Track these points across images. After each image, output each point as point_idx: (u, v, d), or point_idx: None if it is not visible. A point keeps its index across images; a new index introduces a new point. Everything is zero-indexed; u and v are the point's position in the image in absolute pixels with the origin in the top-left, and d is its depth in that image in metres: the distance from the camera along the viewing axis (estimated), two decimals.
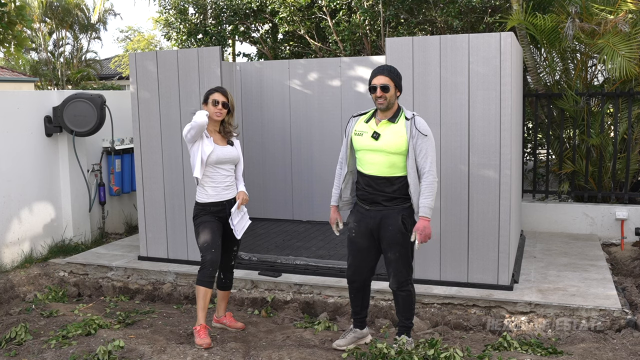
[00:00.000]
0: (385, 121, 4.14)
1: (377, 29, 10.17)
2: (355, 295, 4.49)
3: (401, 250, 4.18)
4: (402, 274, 4.24)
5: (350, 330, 4.59)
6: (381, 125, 4.15)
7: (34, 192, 7.07)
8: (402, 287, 4.27)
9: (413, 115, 4.13)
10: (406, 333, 4.37)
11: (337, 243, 6.93)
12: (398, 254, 4.18)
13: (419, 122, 4.12)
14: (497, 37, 5.17)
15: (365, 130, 4.19)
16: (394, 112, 4.15)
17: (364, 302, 4.53)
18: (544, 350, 4.48)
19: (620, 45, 6.97)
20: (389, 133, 4.11)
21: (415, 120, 4.11)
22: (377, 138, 4.12)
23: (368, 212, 4.23)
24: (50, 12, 25.43)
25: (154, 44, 31.85)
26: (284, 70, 8.01)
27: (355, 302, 4.52)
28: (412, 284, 4.32)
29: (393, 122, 4.13)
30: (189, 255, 6.38)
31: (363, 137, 4.19)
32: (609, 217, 7.44)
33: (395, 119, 4.13)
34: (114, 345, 4.24)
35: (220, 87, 4.73)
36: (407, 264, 4.25)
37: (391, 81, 4.08)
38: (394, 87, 4.10)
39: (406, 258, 4.22)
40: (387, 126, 4.13)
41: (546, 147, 8.42)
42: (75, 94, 7.31)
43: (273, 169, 8.18)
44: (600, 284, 5.53)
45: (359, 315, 4.56)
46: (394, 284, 4.27)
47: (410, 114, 4.15)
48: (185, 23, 11.27)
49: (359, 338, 4.54)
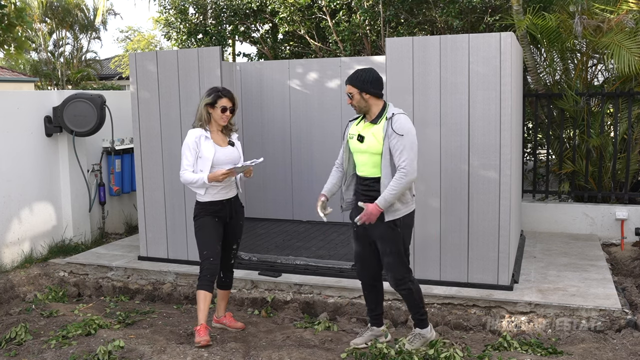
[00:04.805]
0: (368, 123, 4.27)
1: (377, 29, 10.17)
2: (368, 292, 4.57)
3: (392, 246, 4.22)
4: (397, 271, 4.26)
5: (368, 328, 4.64)
6: (364, 127, 4.28)
7: (34, 192, 7.07)
8: (400, 286, 4.31)
9: (393, 115, 4.16)
10: (420, 326, 4.43)
11: (337, 243, 6.93)
12: (389, 250, 4.24)
13: (396, 121, 4.13)
14: (497, 37, 5.17)
15: (355, 133, 4.33)
16: (376, 113, 4.24)
17: (377, 299, 4.58)
18: (544, 350, 4.48)
19: (626, 42, 6.98)
20: (369, 135, 4.22)
21: (393, 119, 4.14)
22: (361, 140, 4.26)
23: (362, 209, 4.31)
24: (50, 12, 25.43)
25: (154, 44, 31.85)
26: (284, 70, 8.01)
27: (368, 299, 4.60)
28: (411, 281, 4.33)
29: (375, 124, 4.22)
30: (189, 255, 6.38)
31: (353, 140, 4.33)
32: (609, 217, 7.44)
33: (378, 119, 4.22)
34: (114, 345, 4.24)
35: (228, 90, 4.69)
36: (400, 261, 4.26)
37: (353, 87, 4.22)
38: (357, 92, 4.21)
39: (398, 255, 4.24)
40: (370, 128, 4.24)
41: (546, 147, 8.42)
42: (75, 94, 7.31)
43: (273, 169, 8.18)
44: (600, 284, 5.53)
45: (374, 313, 4.61)
46: (392, 283, 4.32)
47: (391, 113, 4.19)
48: (186, 23, 11.27)
49: (377, 336, 4.57)
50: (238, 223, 4.83)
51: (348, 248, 6.69)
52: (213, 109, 4.58)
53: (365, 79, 4.21)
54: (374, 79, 4.22)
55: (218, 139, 4.65)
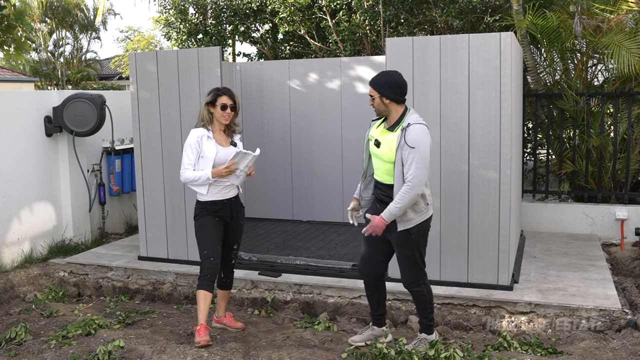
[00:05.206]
0: (386, 130, 4.23)
1: (377, 29, 10.17)
2: (370, 292, 4.58)
3: (407, 252, 4.24)
4: (409, 274, 4.30)
5: (369, 327, 4.66)
6: (382, 133, 4.25)
7: (34, 192, 7.07)
8: (411, 287, 4.35)
9: (408, 125, 4.08)
10: (426, 331, 4.44)
11: (337, 243, 6.94)
12: (403, 256, 4.27)
13: (410, 132, 4.05)
14: (497, 37, 5.17)
15: (373, 136, 4.31)
16: (395, 119, 4.19)
17: (379, 299, 4.59)
18: (544, 350, 4.48)
19: (626, 42, 6.98)
20: (385, 142, 4.20)
21: (408, 130, 4.06)
22: (378, 145, 4.24)
23: (379, 210, 4.32)
24: (50, 12, 25.43)
25: (154, 44, 31.84)
26: (284, 70, 8.01)
27: (370, 299, 4.61)
28: (424, 285, 4.36)
29: (392, 131, 4.19)
30: (189, 255, 6.38)
31: (371, 143, 4.32)
32: (609, 217, 7.44)
33: (395, 127, 4.18)
34: (114, 345, 4.24)
35: (228, 88, 4.68)
36: (414, 265, 4.29)
37: (374, 90, 4.18)
38: (378, 96, 4.16)
39: (412, 260, 4.27)
40: (386, 135, 4.21)
41: (546, 147, 8.42)
42: (75, 94, 7.31)
43: (273, 169, 8.18)
44: (600, 284, 5.53)
45: (375, 313, 4.62)
46: (404, 283, 4.37)
47: (407, 122, 4.11)
48: (186, 23, 11.26)
49: (377, 336, 4.58)
50: (238, 223, 4.83)
51: (348, 248, 6.69)
52: (214, 108, 4.59)
53: (387, 83, 4.13)
54: (395, 84, 4.13)
55: (220, 139, 4.65)
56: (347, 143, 7.80)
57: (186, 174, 4.58)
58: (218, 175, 4.52)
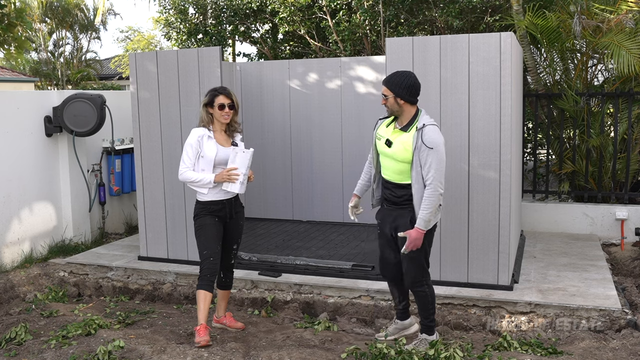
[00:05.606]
0: (398, 129, 4.22)
1: (377, 29, 10.17)
2: (391, 287, 4.65)
3: (412, 252, 4.25)
4: (413, 274, 4.32)
5: (393, 322, 4.72)
6: (394, 132, 4.24)
7: (34, 192, 7.07)
8: (414, 287, 4.37)
9: (424, 126, 4.10)
10: (427, 332, 4.46)
11: (337, 243, 6.94)
12: (409, 256, 4.27)
13: (427, 133, 4.08)
14: (497, 37, 5.17)
15: (383, 135, 4.30)
16: (408, 119, 4.19)
17: (400, 293, 4.62)
18: (544, 350, 4.48)
19: (626, 42, 6.98)
20: (398, 142, 4.18)
21: (424, 131, 4.08)
22: (389, 145, 4.23)
23: (387, 210, 4.38)
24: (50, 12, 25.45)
25: (154, 44, 31.84)
26: (284, 70, 8.01)
27: (393, 293, 4.68)
28: (427, 285, 4.38)
29: (405, 132, 4.18)
30: (189, 255, 6.38)
31: (380, 142, 4.31)
32: (609, 217, 7.44)
33: (408, 127, 4.18)
34: (114, 345, 4.24)
35: (224, 87, 4.69)
36: (418, 265, 4.31)
37: (388, 90, 4.17)
38: (392, 96, 4.15)
39: (417, 260, 4.29)
40: (399, 135, 4.20)
41: (546, 147, 8.42)
42: (75, 94, 7.31)
43: (273, 169, 8.18)
44: (600, 284, 5.53)
45: (398, 306, 4.67)
46: (407, 283, 4.39)
47: (422, 123, 4.12)
48: (186, 23, 11.27)
49: (401, 329, 4.66)
50: (238, 223, 4.83)
51: (348, 248, 6.69)
52: (212, 109, 4.59)
53: (403, 84, 4.13)
54: (410, 85, 4.14)
55: (221, 139, 4.65)
56: (347, 143, 7.80)
57: (186, 174, 4.57)
58: (221, 180, 4.52)
